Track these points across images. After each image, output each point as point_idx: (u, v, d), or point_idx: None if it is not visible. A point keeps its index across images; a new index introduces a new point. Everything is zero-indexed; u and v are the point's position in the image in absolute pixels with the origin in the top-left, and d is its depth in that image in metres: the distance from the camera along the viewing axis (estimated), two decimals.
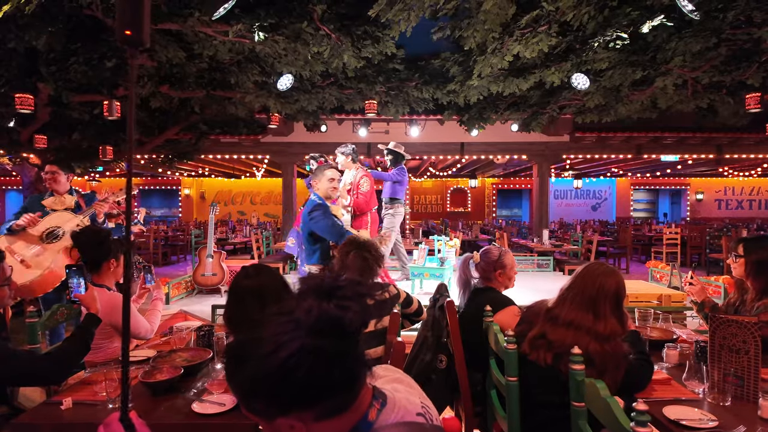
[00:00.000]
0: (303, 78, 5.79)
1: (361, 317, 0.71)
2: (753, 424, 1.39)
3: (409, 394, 0.86)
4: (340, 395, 0.71)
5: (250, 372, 0.68)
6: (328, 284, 0.74)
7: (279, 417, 0.68)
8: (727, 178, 16.27)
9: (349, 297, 0.72)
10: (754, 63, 4.91)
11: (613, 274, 1.67)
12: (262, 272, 1.71)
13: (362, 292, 0.74)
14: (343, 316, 0.69)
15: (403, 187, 5.72)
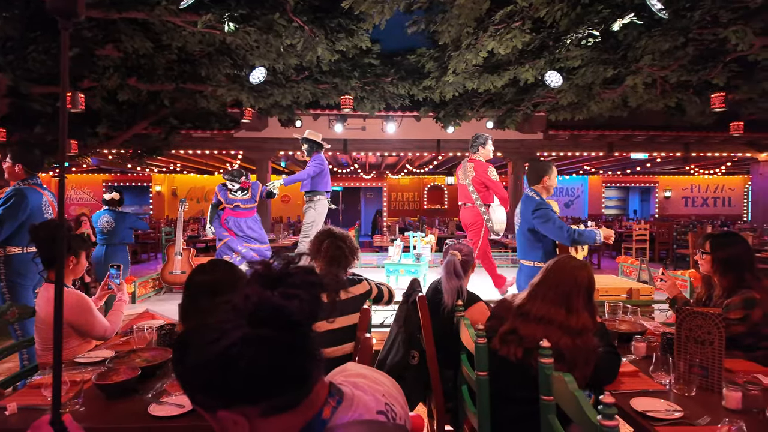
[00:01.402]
0: (276, 71, 5.68)
1: (308, 309, 0.66)
2: (717, 414, 1.40)
3: (373, 391, 0.81)
4: (288, 391, 0.66)
5: (191, 360, 0.64)
6: (276, 271, 0.69)
7: (222, 410, 0.64)
8: (693, 176, 16.80)
9: (297, 285, 0.67)
10: (719, 63, 5.05)
11: (584, 267, 1.67)
12: (218, 267, 1.65)
13: (313, 282, 0.69)
14: (286, 305, 0.64)
15: (323, 178, 5.18)
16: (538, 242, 3.13)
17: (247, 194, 5.05)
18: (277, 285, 0.67)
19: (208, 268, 1.65)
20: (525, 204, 3.22)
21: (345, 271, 2.35)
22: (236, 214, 5.01)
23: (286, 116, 7.39)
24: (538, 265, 3.13)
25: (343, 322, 2.14)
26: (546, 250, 3.13)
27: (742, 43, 4.20)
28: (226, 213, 5.03)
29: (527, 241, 3.19)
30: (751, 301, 2.05)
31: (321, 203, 5.20)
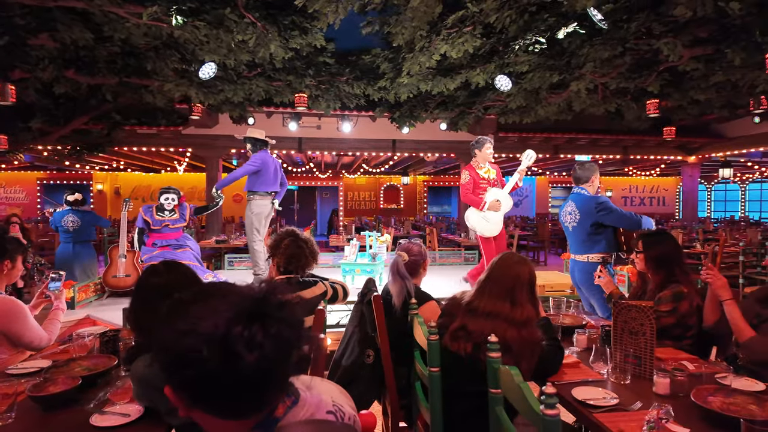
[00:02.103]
0: (227, 67, 5.52)
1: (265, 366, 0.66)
2: (648, 400, 1.51)
3: (321, 392, 0.83)
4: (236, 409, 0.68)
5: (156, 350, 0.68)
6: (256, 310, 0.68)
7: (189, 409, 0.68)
8: (631, 177, 17.89)
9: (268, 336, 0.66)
10: (653, 72, 5.41)
11: (525, 262, 1.76)
12: (172, 269, 1.59)
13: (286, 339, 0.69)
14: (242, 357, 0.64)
15: (262, 177, 4.93)
16: (598, 236, 3.33)
17: (175, 214, 4.87)
18: (250, 323, 0.66)
19: (162, 269, 1.59)
20: (581, 202, 3.41)
21: (303, 272, 2.34)
22: (163, 235, 4.80)
23: (237, 113, 7.20)
24: (593, 259, 3.34)
25: None
26: (608, 241, 3.34)
27: (672, 54, 4.52)
28: (153, 237, 4.81)
29: (588, 237, 3.36)
30: (679, 295, 2.22)
31: (256, 203, 4.94)
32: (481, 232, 4.56)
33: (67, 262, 5.25)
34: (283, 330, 0.68)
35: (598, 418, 1.40)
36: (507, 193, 4.56)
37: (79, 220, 5.38)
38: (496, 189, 4.56)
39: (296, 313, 0.73)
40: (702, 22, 4.27)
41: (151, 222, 4.77)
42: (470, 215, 4.62)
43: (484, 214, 4.54)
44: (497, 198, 4.50)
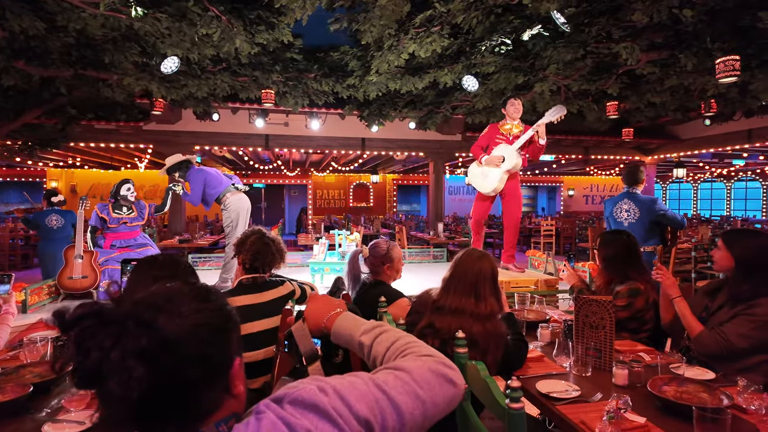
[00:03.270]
0: (191, 61, 5.37)
1: (90, 371, 0.56)
2: (608, 391, 1.57)
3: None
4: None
5: None
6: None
7: None
8: (592, 176, 18.53)
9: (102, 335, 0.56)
10: (613, 75, 5.62)
11: (486, 257, 1.79)
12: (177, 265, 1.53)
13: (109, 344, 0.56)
14: (77, 355, 0.56)
15: (214, 182, 4.70)
16: (654, 231, 3.85)
17: (133, 212, 4.68)
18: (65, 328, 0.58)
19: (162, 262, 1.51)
20: (641, 202, 3.88)
21: (269, 271, 2.30)
22: (120, 235, 4.57)
23: (201, 109, 7.01)
24: (648, 249, 3.77)
25: (264, 325, 2.09)
26: (661, 235, 3.90)
27: (630, 58, 4.70)
28: (110, 237, 4.57)
29: (646, 232, 3.83)
30: (635, 291, 2.31)
31: (228, 200, 4.76)
32: (477, 187, 4.38)
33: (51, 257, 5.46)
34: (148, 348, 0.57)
35: (560, 410, 1.44)
36: (515, 150, 4.24)
37: (63, 219, 5.73)
38: (504, 145, 4.29)
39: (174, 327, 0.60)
40: (658, 28, 4.46)
41: (108, 220, 4.56)
42: (471, 169, 4.46)
43: (482, 169, 4.33)
44: (501, 154, 4.22)
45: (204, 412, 0.62)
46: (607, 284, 2.49)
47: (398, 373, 0.74)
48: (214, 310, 0.65)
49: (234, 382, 0.66)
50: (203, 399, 0.61)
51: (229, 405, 0.66)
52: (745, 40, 4.46)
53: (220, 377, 0.64)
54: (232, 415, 0.66)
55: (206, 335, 0.62)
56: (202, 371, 0.61)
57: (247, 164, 13.93)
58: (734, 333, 1.84)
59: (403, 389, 0.71)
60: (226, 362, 0.65)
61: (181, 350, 0.59)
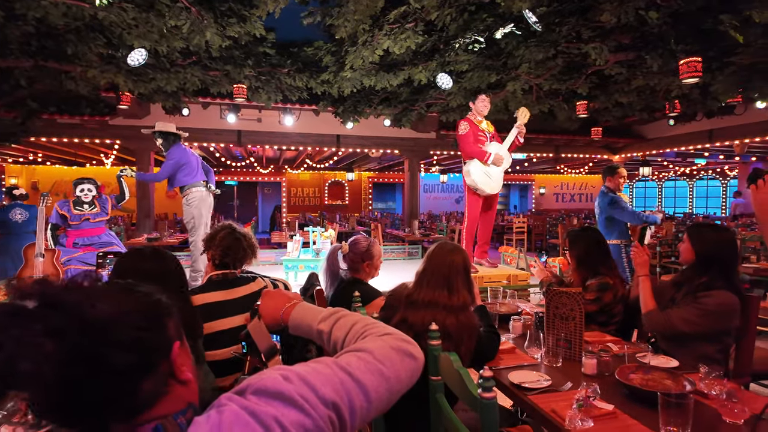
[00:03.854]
0: (159, 54, 5.21)
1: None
2: (578, 380, 1.60)
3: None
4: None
5: None
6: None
7: None
8: (563, 175, 18.96)
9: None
10: (582, 75, 5.75)
11: (458, 250, 1.80)
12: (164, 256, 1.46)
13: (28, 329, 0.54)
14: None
15: (186, 169, 4.62)
16: (613, 226, 4.18)
17: (95, 207, 4.51)
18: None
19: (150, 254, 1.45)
20: (600, 198, 4.25)
21: (240, 266, 2.25)
22: (83, 232, 4.41)
23: (171, 103, 6.82)
24: (613, 242, 4.09)
25: (235, 322, 2.04)
26: (620, 231, 4.20)
27: (599, 58, 4.82)
28: (72, 235, 4.41)
29: (604, 227, 4.19)
30: (604, 286, 2.37)
31: (193, 195, 4.69)
32: (482, 188, 4.15)
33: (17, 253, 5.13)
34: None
35: (532, 399, 1.46)
36: (506, 149, 4.23)
37: (27, 213, 5.47)
38: (497, 144, 4.24)
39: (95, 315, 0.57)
40: (625, 29, 4.59)
41: (68, 217, 4.38)
42: (473, 170, 4.16)
43: (487, 169, 4.13)
44: (500, 153, 4.16)
45: (148, 400, 0.60)
46: (582, 283, 2.52)
47: (361, 354, 0.75)
48: (140, 297, 0.63)
49: (178, 367, 0.64)
50: (143, 386, 0.59)
51: (180, 393, 0.64)
52: (706, 43, 4.63)
53: (157, 363, 0.61)
54: (189, 407, 0.63)
55: (135, 320, 0.60)
56: (134, 356, 0.58)
57: (218, 161, 13.66)
58: (678, 317, 1.95)
59: (367, 368, 0.72)
60: (163, 347, 0.62)
61: (105, 334, 0.57)
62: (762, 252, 4.97)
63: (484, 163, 4.13)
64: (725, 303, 1.90)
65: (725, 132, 9.05)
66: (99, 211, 4.51)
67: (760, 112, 8.04)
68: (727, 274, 1.98)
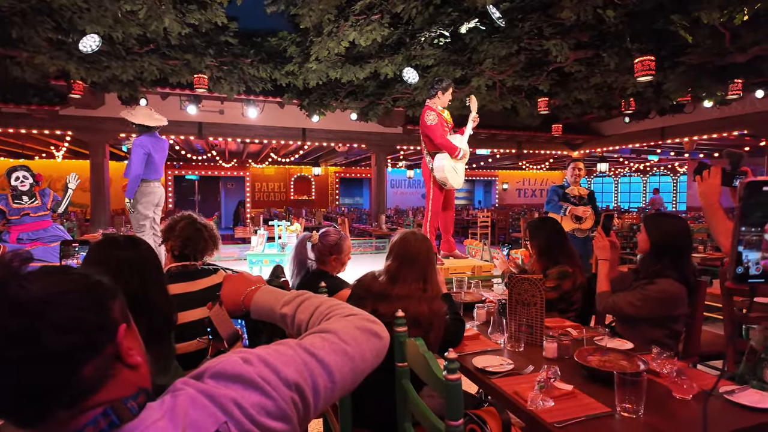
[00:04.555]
0: (114, 41, 4.98)
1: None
2: (539, 363, 1.64)
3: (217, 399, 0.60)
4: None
5: None
6: None
7: None
8: (525, 171, 19.46)
9: None
10: (544, 71, 5.90)
11: (425, 238, 1.81)
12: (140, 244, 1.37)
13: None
14: None
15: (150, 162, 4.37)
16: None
17: (36, 200, 4.23)
18: None
19: (125, 242, 1.35)
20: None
21: (201, 258, 2.18)
22: (26, 226, 4.14)
23: (127, 93, 6.53)
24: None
25: (197, 315, 1.98)
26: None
27: (560, 55, 4.96)
28: (15, 230, 4.13)
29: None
30: (564, 274, 2.45)
31: (141, 191, 4.41)
32: (451, 183, 4.05)
33: None
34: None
35: (495, 382, 1.49)
36: (466, 140, 4.14)
37: None
38: (459, 136, 4.13)
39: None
40: (584, 27, 4.73)
41: (6, 211, 4.11)
42: (444, 164, 4.00)
43: (454, 164, 4.02)
44: (462, 146, 4.06)
45: (92, 384, 0.57)
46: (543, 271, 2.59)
47: (325, 335, 0.74)
48: (78, 278, 0.60)
49: (125, 350, 0.60)
50: (86, 370, 0.56)
51: (129, 378, 0.61)
52: (659, 42, 4.84)
53: (100, 345, 0.58)
54: (141, 391, 0.60)
55: (73, 301, 0.57)
56: (74, 338, 0.55)
57: (178, 154, 13.21)
58: (624, 299, 2.07)
59: (331, 349, 0.72)
60: (106, 329, 0.59)
61: (39, 315, 0.54)
62: (708, 242, 5.26)
63: (454, 157, 4.00)
64: (666, 291, 1.99)
65: (676, 130, 9.52)
66: (40, 204, 4.24)
67: (707, 111, 8.51)
68: (679, 263, 2.08)
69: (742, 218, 0.62)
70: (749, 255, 0.63)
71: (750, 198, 0.61)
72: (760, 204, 0.61)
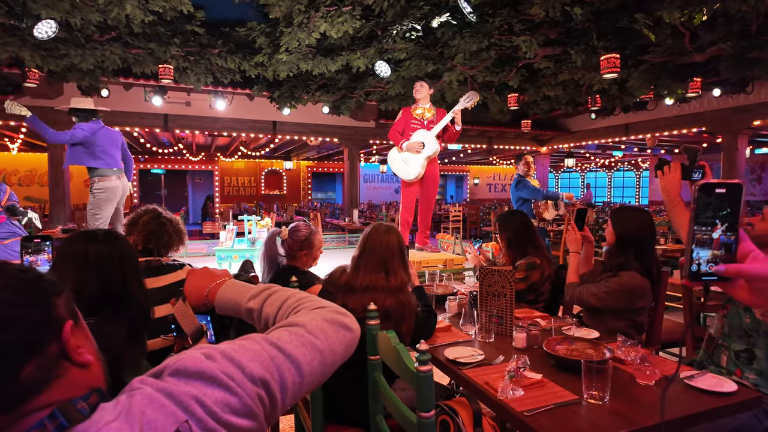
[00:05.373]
0: (73, 27, 4.74)
1: None
2: (509, 353, 1.67)
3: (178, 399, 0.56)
4: None
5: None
6: None
7: None
8: (495, 166, 19.76)
9: None
10: (514, 67, 5.98)
11: (393, 230, 1.81)
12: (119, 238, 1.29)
13: None
14: None
15: (90, 150, 4.27)
16: (523, 207, 5.08)
17: None
18: None
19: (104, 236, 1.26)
20: (512, 184, 5.18)
21: (166, 253, 2.11)
22: None
23: (87, 83, 6.25)
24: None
25: (160, 312, 1.91)
26: (528, 210, 5.12)
27: (529, 51, 5.03)
28: None
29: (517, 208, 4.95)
30: (532, 265, 2.50)
31: (97, 185, 4.30)
32: (398, 173, 4.32)
33: None
34: None
35: (466, 373, 1.50)
36: (433, 136, 4.26)
37: None
38: (423, 131, 4.28)
39: None
40: (552, 24, 4.82)
41: None
42: (391, 156, 4.38)
43: (404, 156, 4.25)
44: (421, 140, 4.21)
45: (34, 385, 0.53)
46: (512, 263, 2.64)
47: (293, 329, 0.72)
48: (15, 273, 0.56)
49: (73, 348, 0.57)
50: (25, 370, 0.52)
51: (78, 377, 0.57)
52: (624, 40, 4.98)
53: (43, 344, 0.54)
54: (92, 392, 0.57)
55: (7, 297, 0.53)
56: (10, 337, 0.52)
57: (143, 147, 12.77)
58: (588, 291, 2.14)
59: (299, 342, 0.70)
60: (49, 327, 0.56)
61: None
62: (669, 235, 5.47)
63: (399, 149, 4.27)
64: (629, 284, 2.06)
65: (639, 126, 9.85)
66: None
67: (668, 109, 8.83)
68: (642, 255, 2.14)
69: (696, 218, 0.65)
70: (701, 254, 0.66)
71: (702, 199, 0.64)
72: (712, 205, 0.64)
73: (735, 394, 1.34)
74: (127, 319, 1.07)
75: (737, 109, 7.99)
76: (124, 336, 1.04)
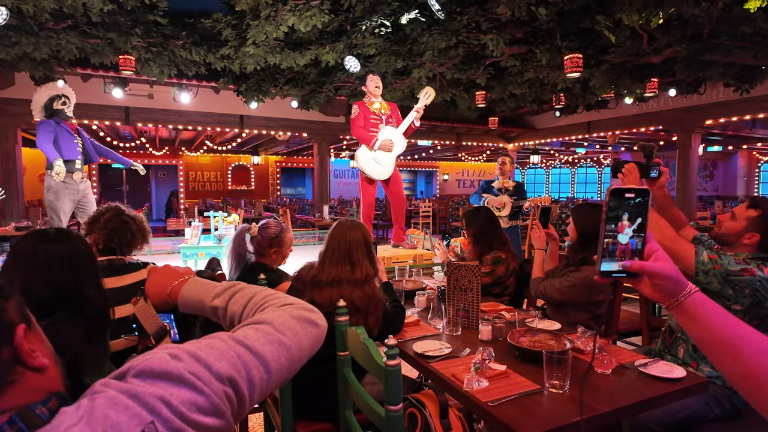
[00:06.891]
0: (24, 14, 4.50)
1: None
2: (475, 346, 1.71)
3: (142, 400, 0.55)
4: None
5: None
6: None
7: None
8: (464, 162, 20.04)
9: None
10: (481, 65, 6.08)
11: (357, 227, 1.84)
12: (72, 237, 1.22)
13: None
14: None
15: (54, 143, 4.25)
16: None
17: None
18: None
19: (55, 235, 1.20)
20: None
21: (129, 253, 2.05)
22: None
23: (41, 73, 5.95)
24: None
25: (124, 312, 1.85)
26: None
27: (496, 49, 5.12)
28: None
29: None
30: (497, 260, 2.57)
31: (49, 178, 4.24)
32: (370, 174, 4.14)
33: None
34: None
35: (434, 366, 1.54)
36: (401, 133, 4.19)
37: None
38: (390, 128, 4.18)
39: None
40: (519, 24, 4.92)
41: None
42: (360, 155, 4.15)
43: (375, 155, 4.08)
44: (391, 138, 4.10)
45: None
46: (479, 257, 2.70)
47: (259, 326, 0.72)
48: None
49: (27, 353, 0.55)
50: None
51: (35, 382, 0.56)
52: (586, 41, 5.14)
53: None
54: (51, 396, 0.56)
55: None
56: None
57: (103, 141, 12.28)
58: (551, 285, 2.24)
59: (266, 339, 0.70)
60: (0, 331, 0.54)
61: None
62: None
63: (370, 148, 4.08)
64: (589, 278, 2.14)
65: (601, 124, 10.20)
66: None
67: (628, 107, 9.18)
68: None
69: (608, 220, 0.69)
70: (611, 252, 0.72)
71: (614, 202, 0.70)
72: (622, 208, 0.69)
73: (684, 379, 1.42)
74: (82, 321, 1.04)
75: (691, 108, 8.40)
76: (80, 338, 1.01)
